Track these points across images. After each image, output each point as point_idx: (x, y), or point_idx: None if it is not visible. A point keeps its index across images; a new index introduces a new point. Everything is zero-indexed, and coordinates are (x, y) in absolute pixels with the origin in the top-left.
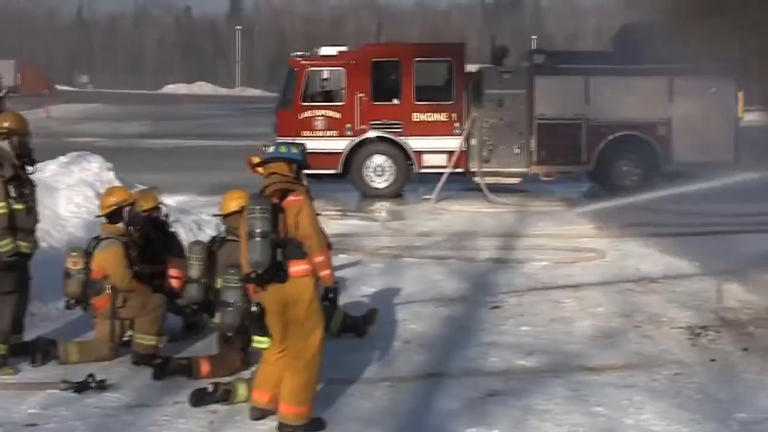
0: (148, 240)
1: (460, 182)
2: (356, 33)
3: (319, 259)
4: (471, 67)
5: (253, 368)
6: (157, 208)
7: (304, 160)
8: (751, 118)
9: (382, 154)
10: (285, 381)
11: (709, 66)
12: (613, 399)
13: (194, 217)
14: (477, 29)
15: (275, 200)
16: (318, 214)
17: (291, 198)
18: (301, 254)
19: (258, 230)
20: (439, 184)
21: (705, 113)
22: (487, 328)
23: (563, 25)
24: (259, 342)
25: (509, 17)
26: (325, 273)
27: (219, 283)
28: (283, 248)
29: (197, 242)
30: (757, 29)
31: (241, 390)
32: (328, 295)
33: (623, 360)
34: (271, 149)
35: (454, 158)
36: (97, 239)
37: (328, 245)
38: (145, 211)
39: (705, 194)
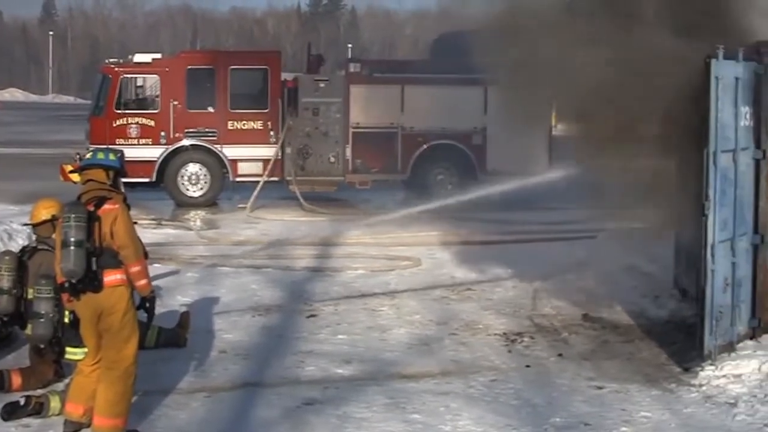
0: None
1: (276, 191)
2: (172, 40)
3: (135, 268)
4: (287, 76)
5: (67, 380)
6: None
7: (121, 167)
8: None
9: (197, 162)
10: (99, 393)
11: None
12: (430, 406)
13: (5, 226)
14: (293, 37)
15: (91, 208)
16: (135, 223)
17: (107, 206)
18: (117, 263)
19: (72, 239)
20: (255, 193)
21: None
22: (304, 336)
23: (379, 33)
24: (73, 353)
25: (325, 25)
26: (141, 283)
27: (30, 293)
28: (98, 257)
29: (7, 252)
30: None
31: (54, 403)
32: (145, 304)
33: (440, 367)
34: (89, 155)
35: (269, 167)
36: None
37: (144, 254)
38: None
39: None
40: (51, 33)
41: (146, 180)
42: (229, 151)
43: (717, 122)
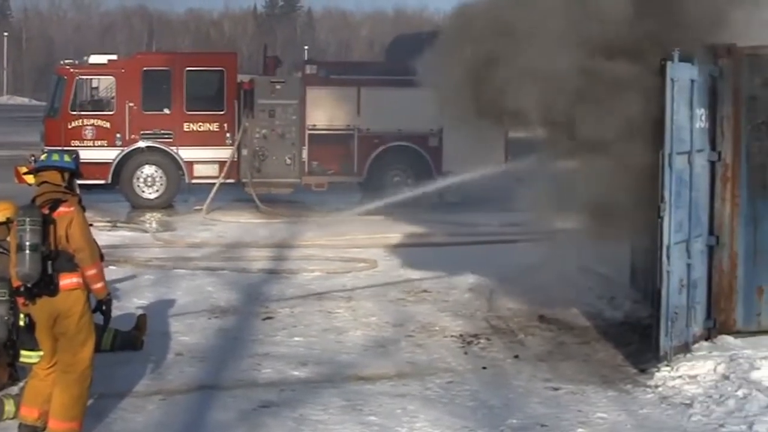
0: None
1: (232, 193)
2: (127, 41)
3: (91, 272)
4: (243, 77)
5: (22, 384)
6: None
7: (77, 168)
8: None
9: (153, 164)
10: (55, 396)
11: None
12: (386, 408)
13: None
14: (249, 39)
15: (46, 211)
16: (90, 225)
17: (62, 209)
18: (73, 267)
19: (28, 242)
20: (211, 195)
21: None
22: (260, 339)
23: (336, 35)
24: (28, 357)
25: (281, 27)
26: (97, 286)
27: None
28: (53, 261)
29: None
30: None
31: (9, 406)
32: (101, 307)
33: (396, 369)
34: (44, 157)
35: (225, 169)
36: None
37: (100, 257)
38: None
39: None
40: (6, 34)
41: (102, 182)
42: (185, 153)
43: (672, 124)
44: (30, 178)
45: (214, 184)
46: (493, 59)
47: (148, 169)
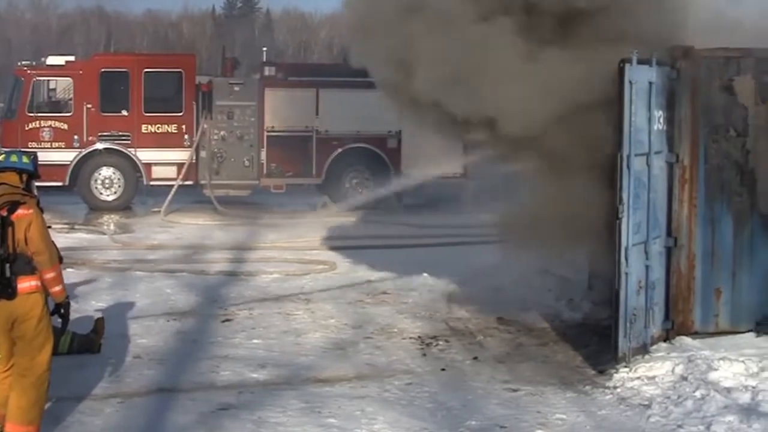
0: None
1: (191, 195)
2: (85, 43)
3: (50, 275)
4: (201, 79)
5: None
6: None
7: (35, 170)
8: None
9: (111, 166)
10: (12, 400)
11: None
12: (345, 410)
13: None
14: (208, 40)
15: (4, 213)
16: (48, 227)
17: (21, 211)
18: (31, 270)
19: None
20: (169, 197)
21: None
22: (219, 341)
23: (294, 36)
24: None
25: (240, 28)
26: (56, 289)
27: None
28: (11, 264)
29: None
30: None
31: None
32: (60, 310)
33: (355, 371)
34: (1, 158)
35: (183, 170)
36: None
37: (59, 259)
38: None
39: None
40: None
41: (59, 184)
42: (143, 155)
43: (631, 126)
44: None
45: (172, 186)
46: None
47: (106, 171)
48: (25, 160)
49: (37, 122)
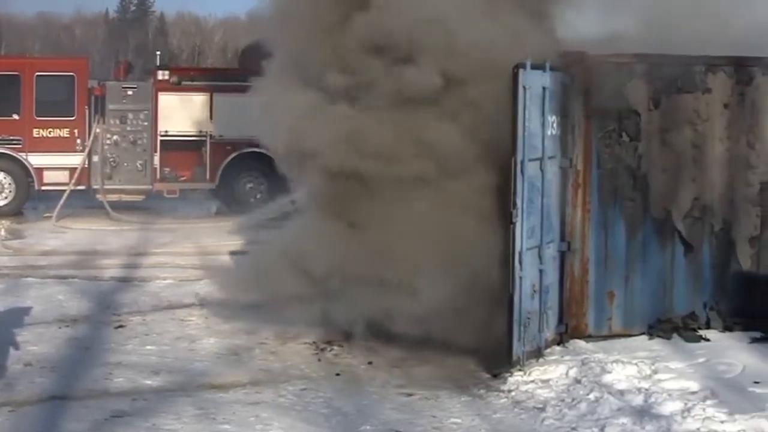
0: None
1: (83, 200)
2: None
3: None
4: (94, 83)
5: None
6: None
7: None
8: None
9: (1, 170)
10: None
11: None
12: (240, 416)
13: None
14: (101, 44)
15: None
16: None
17: None
18: None
19: None
20: (61, 202)
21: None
22: (112, 348)
23: (188, 40)
24: None
25: (134, 32)
26: None
27: None
28: None
29: None
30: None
31: None
32: None
33: (250, 376)
34: None
35: (76, 175)
36: None
37: None
38: None
39: None
40: None
41: None
42: (35, 159)
43: (525, 131)
44: None
45: (64, 190)
46: None
47: None
48: None
49: None
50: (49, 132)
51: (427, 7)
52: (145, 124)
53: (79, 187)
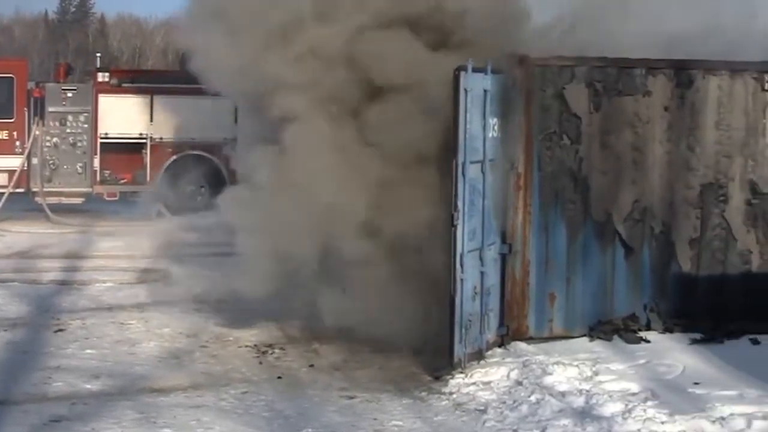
0: None
1: (22, 202)
2: None
3: None
4: (33, 84)
5: None
6: None
7: None
8: None
9: None
10: None
11: None
12: (181, 419)
13: None
14: (40, 45)
15: None
16: None
17: None
18: None
19: None
20: None
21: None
22: (51, 351)
23: (129, 42)
24: None
25: (74, 33)
26: None
27: None
28: None
29: None
30: None
31: None
32: None
33: (190, 380)
34: None
35: (15, 178)
36: None
37: None
38: None
39: None
40: None
41: None
42: None
43: (466, 133)
44: None
45: (3, 193)
46: None
47: None
48: None
49: None
50: None
51: None
52: (85, 126)
53: (18, 190)
